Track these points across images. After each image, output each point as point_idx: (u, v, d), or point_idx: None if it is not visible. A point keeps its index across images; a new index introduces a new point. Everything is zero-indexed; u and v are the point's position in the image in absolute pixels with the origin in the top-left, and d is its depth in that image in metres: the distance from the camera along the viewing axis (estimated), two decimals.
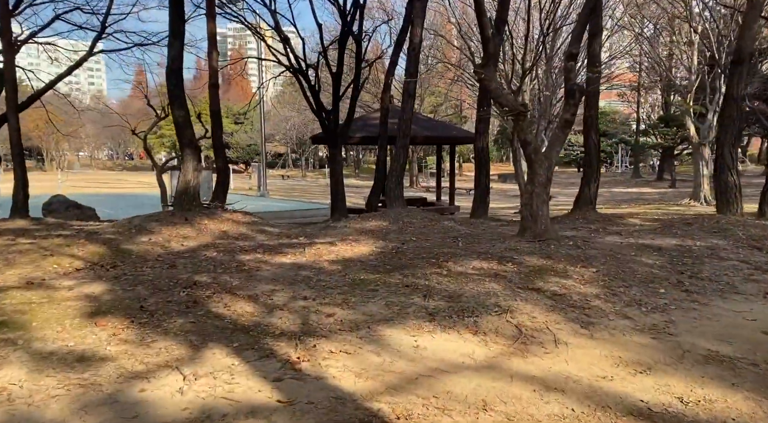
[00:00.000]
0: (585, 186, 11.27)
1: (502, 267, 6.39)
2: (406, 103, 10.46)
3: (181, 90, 9.25)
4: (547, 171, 7.32)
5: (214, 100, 12.32)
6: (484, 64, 7.02)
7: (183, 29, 9.31)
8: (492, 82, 6.95)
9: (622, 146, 51.44)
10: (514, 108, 6.87)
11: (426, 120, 20.37)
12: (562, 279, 5.95)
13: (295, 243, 7.83)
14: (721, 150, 8.61)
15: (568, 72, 7.00)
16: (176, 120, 9.20)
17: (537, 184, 7.34)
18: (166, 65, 9.23)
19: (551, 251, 6.94)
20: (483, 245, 7.48)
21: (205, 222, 8.80)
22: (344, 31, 15.55)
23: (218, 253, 7.22)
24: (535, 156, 7.23)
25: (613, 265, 6.50)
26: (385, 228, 8.72)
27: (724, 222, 8.36)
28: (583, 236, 8.45)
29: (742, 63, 8.33)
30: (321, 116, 16.42)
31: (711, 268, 6.49)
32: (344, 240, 7.93)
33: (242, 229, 8.87)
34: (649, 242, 7.81)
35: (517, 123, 7.05)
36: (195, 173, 9.22)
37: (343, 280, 5.95)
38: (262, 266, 6.55)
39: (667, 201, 23.78)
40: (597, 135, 11.38)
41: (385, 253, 7.19)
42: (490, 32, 6.95)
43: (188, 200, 9.14)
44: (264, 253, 7.24)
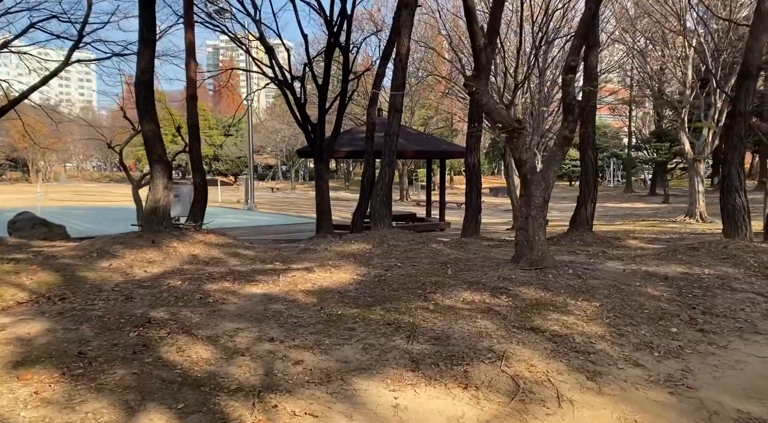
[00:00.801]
0: (581, 206, 10.71)
1: (495, 300, 5.77)
2: (393, 117, 9.88)
3: (152, 103, 8.63)
4: (543, 193, 6.73)
5: (192, 113, 11.70)
6: (476, 77, 6.46)
7: (154, 38, 8.71)
8: (484, 95, 6.38)
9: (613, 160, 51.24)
10: (509, 124, 6.30)
11: (416, 134, 19.84)
12: (563, 315, 5.33)
13: (269, 269, 7.17)
14: (728, 170, 8.08)
15: (566, 86, 6.45)
16: (145, 135, 8.56)
17: (533, 207, 6.75)
18: (135, 76, 8.61)
19: (549, 281, 6.33)
20: (474, 273, 6.86)
21: (175, 244, 8.13)
22: (331, 42, 15.02)
23: (183, 281, 6.55)
24: (531, 177, 6.65)
25: (618, 298, 5.90)
26: (369, 252, 8.08)
27: (733, 247, 7.80)
28: (582, 262, 7.85)
29: (749, 77, 7.84)
30: (306, 129, 15.83)
31: (724, 302, 5.91)
32: (323, 266, 7.28)
33: (214, 252, 8.20)
34: (653, 270, 7.22)
35: (512, 141, 6.48)
36: (165, 191, 8.57)
37: (317, 316, 5.30)
38: (229, 298, 5.89)
39: (661, 217, 23.35)
40: (594, 152, 10.85)
41: (366, 281, 6.55)
42: (482, 42, 6.40)
43: (157, 220, 8.48)
44: (234, 281, 6.57)
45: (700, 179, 20.40)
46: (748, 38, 8.09)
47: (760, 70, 7.93)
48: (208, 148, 59.62)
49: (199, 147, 11.77)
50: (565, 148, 6.77)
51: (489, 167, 66.03)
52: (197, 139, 11.73)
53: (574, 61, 6.38)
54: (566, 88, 6.45)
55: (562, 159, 6.87)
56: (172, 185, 8.91)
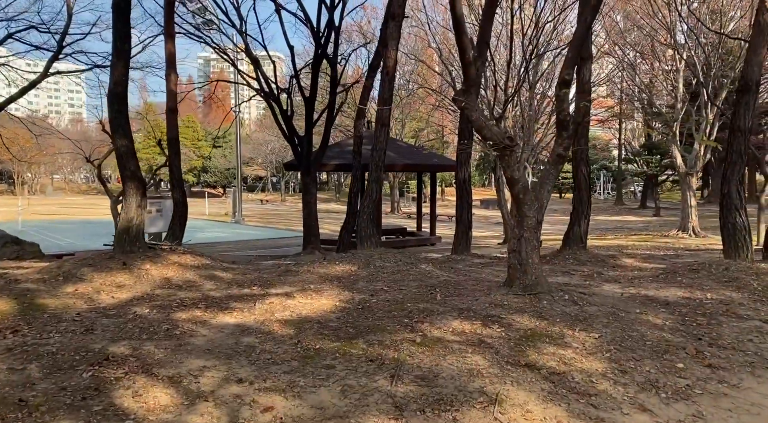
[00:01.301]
0: (575, 223, 10.35)
1: (487, 330, 5.35)
2: (380, 131, 9.49)
3: (125, 117, 8.19)
4: (537, 213, 6.35)
5: (172, 126, 11.27)
6: (465, 91, 6.10)
7: (128, 49, 8.30)
8: (474, 111, 6.01)
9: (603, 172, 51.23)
10: (499, 141, 5.93)
11: (406, 147, 19.50)
12: (560, 349, 4.92)
13: (246, 294, 6.72)
14: (728, 188, 7.76)
15: (560, 101, 6.10)
16: (118, 150, 8.12)
17: (526, 228, 6.36)
18: (108, 89, 8.18)
19: (544, 308, 5.93)
20: (465, 298, 6.45)
21: (147, 267, 7.66)
22: (318, 53, 14.67)
23: (151, 309, 6.08)
24: (523, 196, 6.27)
25: (618, 327, 5.50)
26: (354, 274, 7.66)
27: (734, 269, 7.45)
28: (577, 285, 7.47)
29: (749, 91, 7.54)
30: (293, 142, 15.44)
31: (731, 331, 5.53)
32: (304, 290, 6.84)
33: (189, 274, 7.74)
34: (653, 294, 6.85)
35: (503, 158, 6.11)
36: (139, 210, 8.11)
37: (293, 351, 4.86)
38: (198, 330, 5.43)
39: (653, 231, 23.09)
40: (587, 168, 10.52)
41: (349, 309, 6.12)
42: (471, 55, 6.04)
43: (130, 241, 8.01)
44: (206, 309, 6.12)
45: (692, 193, 20.16)
46: (747, 51, 7.81)
47: (759, 84, 7.64)
48: (197, 159, 59.05)
49: (179, 161, 11.32)
50: (559, 167, 6.41)
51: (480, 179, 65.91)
52: (177, 153, 11.28)
53: (568, 75, 6.03)
54: (560, 104, 6.10)
55: (556, 178, 6.51)
56: (147, 203, 8.46)
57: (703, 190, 42.54)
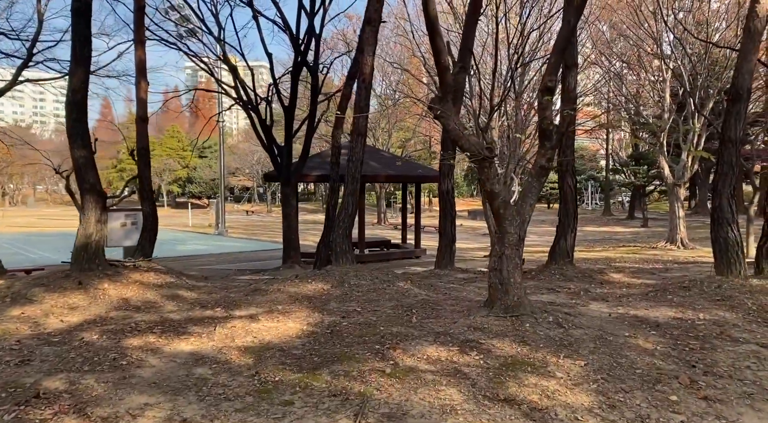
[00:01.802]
0: (561, 236, 9.97)
1: (464, 358, 4.92)
2: (356, 141, 9.07)
3: (84, 126, 7.72)
4: (519, 229, 5.95)
5: (142, 136, 10.79)
6: (441, 99, 5.71)
7: (88, 55, 7.83)
8: (450, 120, 5.62)
9: (591, 183, 51.18)
10: (477, 152, 5.53)
11: (390, 157, 19.12)
12: (543, 379, 4.50)
13: (207, 317, 6.24)
14: (719, 201, 7.41)
15: (543, 109, 5.73)
16: (77, 161, 7.63)
17: (507, 245, 5.95)
18: (66, 96, 7.71)
19: (527, 332, 5.51)
20: (442, 321, 6.01)
21: (105, 286, 7.16)
22: (298, 61, 14.30)
23: (101, 334, 5.59)
24: (504, 211, 5.87)
25: (606, 353, 5.09)
26: (326, 293, 7.20)
27: (727, 287, 7.08)
28: (563, 304, 7.06)
29: (739, 100, 7.23)
30: (273, 152, 15.02)
31: (726, 357, 5.13)
32: (271, 312, 6.38)
33: (150, 294, 7.24)
34: (643, 314, 6.45)
35: (482, 170, 5.71)
36: (98, 225, 7.61)
37: (249, 384, 4.40)
38: (148, 359, 4.95)
39: (641, 242, 22.81)
40: (573, 179, 10.16)
41: (317, 334, 5.66)
42: (447, 60, 5.66)
43: (88, 258, 7.50)
44: (161, 334, 5.63)
45: (680, 204, 19.93)
46: (737, 59, 7.51)
47: (750, 92, 7.33)
48: (182, 170, 58.35)
49: (149, 173, 10.83)
50: (542, 179, 6.02)
51: (468, 189, 65.69)
52: (147, 164, 10.80)
53: (551, 82, 5.67)
54: (543, 112, 5.73)
55: (539, 191, 6.12)
56: (107, 218, 7.97)
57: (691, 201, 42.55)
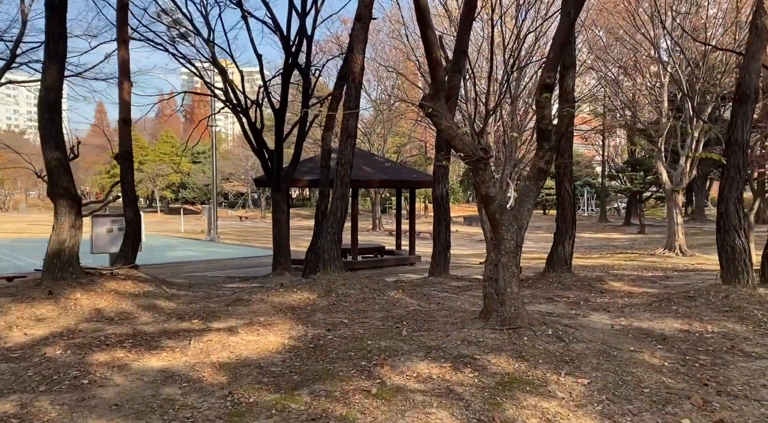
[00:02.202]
0: (559, 243, 9.60)
1: (458, 376, 4.53)
2: (346, 143, 8.69)
3: (58, 127, 7.32)
4: (516, 235, 5.57)
5: (125, 139, 10.40)
6: (433, 96, 5.35)
7: (63, 52, 7.44)
8: (443, 119, 5.27)
9: (587, 189, 50.95)
10: (472, 153, 5.17)
11: (384, 162, 18.75)
12: (543, 400, 4.11)
13: (183, 329, 5.84)
14: (725, 207, 7.07)
15: (541, 108, 5.37)
16: (49, 164, 7.23)
17: (503, 252, 5.57)
18: (39, 95, 7.32)
19: (525, 346, 5.12)
20: (435, 334, 5.62)
21: (77, 296, 6.75)
22: (289, 63, 13.95)
23: (66, 349, 5.18)
24: (500, 216, 5.50)
25: (610, 370, 4.71)
26: (312, 303, 6.80)
27: (735, 297, 6.71)
28: (563, 314, 6.69)
29: (747, 100, 6.91)
30: (263, 157, 14.64)
31: (740, 374, 4.76)
32: (251, 324, 5.98)
33: (125, 304, 6.83)
34: (648, 326, 6.08)
35: (477, 172, 5.34)
36: (72, 231, 7.21)
37: (221, 406, 4.00)
38: (113, 377, 4.54)
39: (638, 249, 22.48)
40: (571, 184, 9.81)
41: (299, 348, 5.26)
42: (439, 54, 5.30)
43: (61, 266, 7.09)
44: (131, 348, 5.23)
45: (678, 210, 19.61)
46: (744, 58, 7.19)
47: (758, 92, 7.00)
48: (176, 175, 57.85)
49: (132, 177, 10.43)
50: (540, 182, 5.66)
51: (464, 195, 65.38)
52: (130, 168, 10.39)
53: (549, 78, 5.32)
54: (541, 111, 5.37)
55: (537, 195, 5.76)
56: (81, 223, 7.56)
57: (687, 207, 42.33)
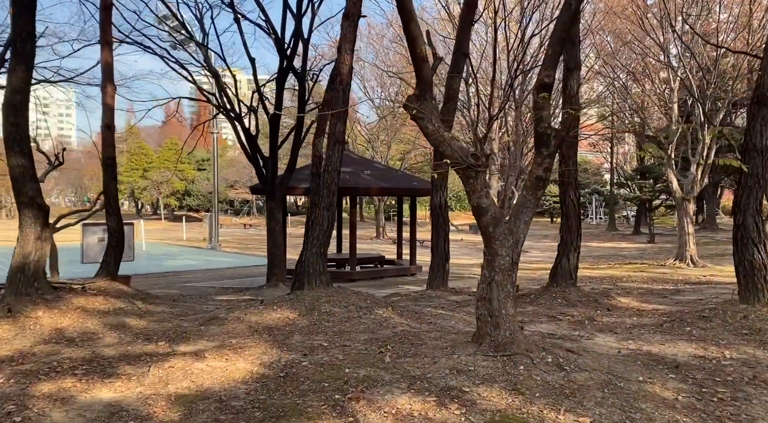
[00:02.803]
0: (563, 256, 9.03)
1: (442, 412, 3.98)
2: (333, 149, 8.15)
3: (23, 132, 6.85)
4: (512, 251, 5.02)
5: (108, 145, 9.95)
6: (419, 96, 4.83)
7: (31, 51, 7.00)
8: (429, 121, 4.74)
9: (595, 197, 50.20)
10: (461, 160, 4.63)
11: (384, 169, 18.25)
12: None
13: (147, 353, 5.32)
14: (743, 218, 6.49)
15: (539, 109, 4.84)
16: (13, 171, 6.76)
17: (498, 270, 5.03)
18: (4, 97, 6.87)
19: (520, 377, 4.56)
20: (421, 360, 5.07)
21: (39, 314, 6.25)
22: (283, 67, 13.49)
23: (9, 378, 4.67)
24: (494, 230, 4.95)
25: (616, 406, 4.14)
26: (292, 323, 6.26)
27: (754, 317, 6.13)
28: (565, 336, 6.11)
29: (766, 103, 6.35)
30: (258, 164, 14.18)
31: (765, 411, 4.18)
32: (222, 347, 5.45)
33: (91, 323, 6.32)
34: (658, 351, 5.50)
35: (467, 181, 4.81)
36: (38, 243, 6.73)
37: None
38: (51, 413, 4.02)
39: (648, 259, 21.81)
40: (576, 193, 9.23)
41: (269, 377, 4.72)
42: (425, 49, 4.79)
43: (26, 281, 6.61)
44: (83, 376, 4.71)
45: (689, 220, 18.95)
46: (763, 59, 6.63)
47: None
48: (180, 182, 57.66)
49: (115, 185, 9.96)
50: (539, 192, 5.11)
51: None
52: (113, 176, 9.93)
53: (548, 77, 4.79)
54: (538, 112, 4.84)
55: (535, 206, 5.21)
56: (48, 235, 7.08)
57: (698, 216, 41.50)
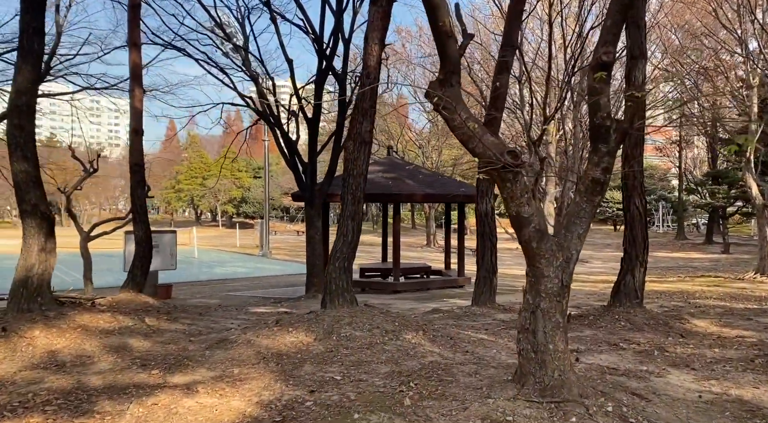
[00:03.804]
0: (627, 271, 7.86)
1: None
2: (359, 151, 7.29)
3: (29, 135, 6.41)
4: (562, 271, 4.05)
5: (136, 150, 9.55)
6: (443, 81, 3.96)
7: (39, 49, 6.58)
8: (456, 112, 3.87)
9: (662, 204, 47.38)
10: (494, 158, 3.73)
11: (430, 175, 17.33)
12: None
13: (135, 384, 4.65)
14: None
15: (596, 95, 3.87)
16: (16, 177, 6.33)
17: (543, 295, 4.07)
18: (9, 99, 6.47)
19: None
20: (447, 404, 4.16)
21: (35, 334, 5.73)
22: (322, 68, 12.87)
23: None
24: (538, 245, 4.00)
25: None
26: (305, 349, 5.47)
27: None
28: (629, 372, 5.05)
29: None
30: (297, 170, 13.61)
31: None
32: (220, 379, 4.71)
33: (90, 344, 5.74)
34: (750, 397, 4.37)
35: (504, 185, 3.89)
36: (42, 255, 6.25)
37: None
38: None
39: (722, 271, 19.87)
40: (642, 200, 8.04)
41: (262, 421, 3.94)
42: (449, 22, 3.91)
43: (28, 296, 6.13)
44: (51, 415, 4.07)
45: None
46: None
47: None
48: (237, 190, 58.61)
49: (142, 191, 9.55)
50: (595, 198, 4.13)
51: None
52: (141, 182, 9.51)
53: (607, 54, 3.82)
54: (596, 100, 3.87)
55: (591, 214, 4.23)
56: (55, 246, 6.61)
57: None
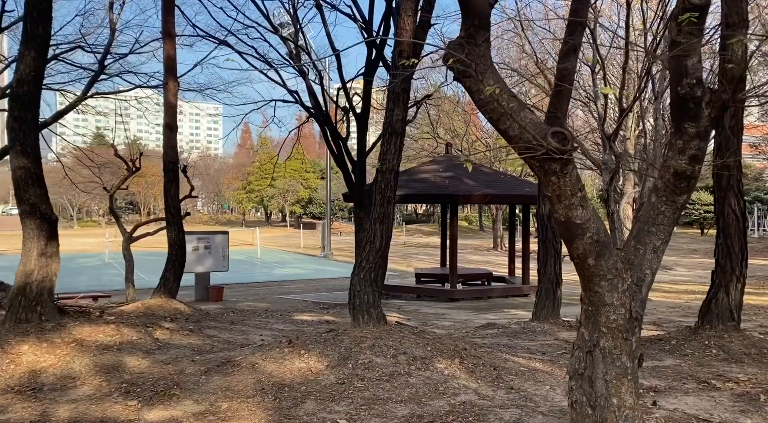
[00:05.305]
0: (719, 288, 6.45)
1: None
2: (390, 143, 6.25)
3: (30, 128, 5.90)
4: (629, 297, 2.94)
5: (169, 147, 9.04)
6: (467, 39, 2.95)
7: (44, 34, 6.05)
8: (481, 81, 2.85)
9: (757, 205, 43.36)
10: (537, 143, 2.69)
11: (491, 174, 16.13)
12: None
13: (103, 420, 3.92)
14: None
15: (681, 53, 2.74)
16: (15, 174, 5.84)
17: (605, 329, 2.97)
18: (11, 87, 6.01)
19: None
20: None
21: (23, 349, 5.17)
22: (371, 59, 12.01)
23: None
24: (597, 262, 2.91)
25: None
26: (313, 378, 4.58)
27: None
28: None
29: None
30: (345, 169, 12.84)
31: None
32: (205, 415, 3.91)
33: (79, 362, 5.11)
34: None
35: (548, 179, 2.83)
36: (42, 260, 5.72)
37: None
38: None
39: None
40: (741, 201, 6.57)
41: None
42: None
43: (26, 305, 5.61)
44: None
45: None
46: None
47: None
48: (304, 191, 59.13)
49: (176, 191, 9.03)
50: (679, 198, 3.00)
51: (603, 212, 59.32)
52: (174, 181, 8.99)
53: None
54: (681, 60, 2.75)
55: (673, 221, 3.09)
56: (57, 250, 6.07)
57: None
